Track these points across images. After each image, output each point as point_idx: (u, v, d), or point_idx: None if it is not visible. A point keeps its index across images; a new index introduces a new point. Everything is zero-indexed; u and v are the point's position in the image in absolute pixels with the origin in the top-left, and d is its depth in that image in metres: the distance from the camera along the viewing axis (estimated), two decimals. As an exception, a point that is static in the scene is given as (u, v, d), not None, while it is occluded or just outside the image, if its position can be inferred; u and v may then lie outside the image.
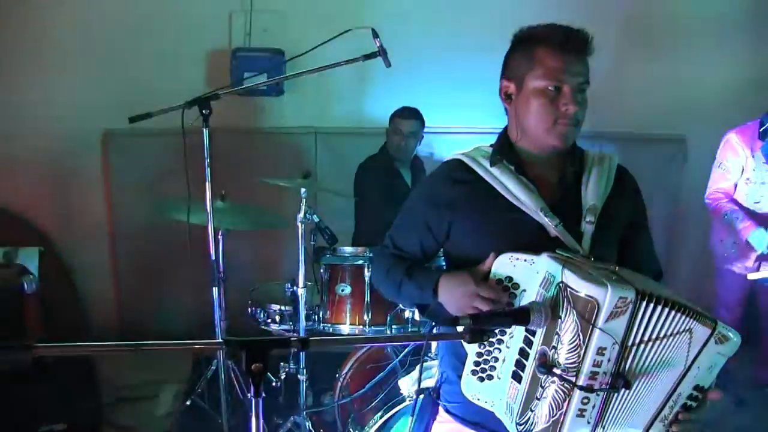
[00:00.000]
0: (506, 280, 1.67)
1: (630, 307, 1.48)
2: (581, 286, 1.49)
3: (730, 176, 3.92)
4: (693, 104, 4.91)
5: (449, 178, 1.84)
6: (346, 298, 3.02)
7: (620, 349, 1.51)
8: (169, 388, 4.04)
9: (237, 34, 4.62)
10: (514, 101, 1.78)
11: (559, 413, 1.55)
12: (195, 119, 2.80)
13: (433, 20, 4.68)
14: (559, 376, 1.52)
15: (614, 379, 1.52)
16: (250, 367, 1.32)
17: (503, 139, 1.85)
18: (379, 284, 2.01)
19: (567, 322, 1.51)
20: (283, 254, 4.78)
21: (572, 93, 1.69)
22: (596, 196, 1.78)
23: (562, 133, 1.71)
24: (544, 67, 1.70)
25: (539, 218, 1.73)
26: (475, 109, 4.92)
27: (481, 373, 1.71)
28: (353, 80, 4.57)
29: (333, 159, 4.74)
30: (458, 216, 1.81)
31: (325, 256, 3.06)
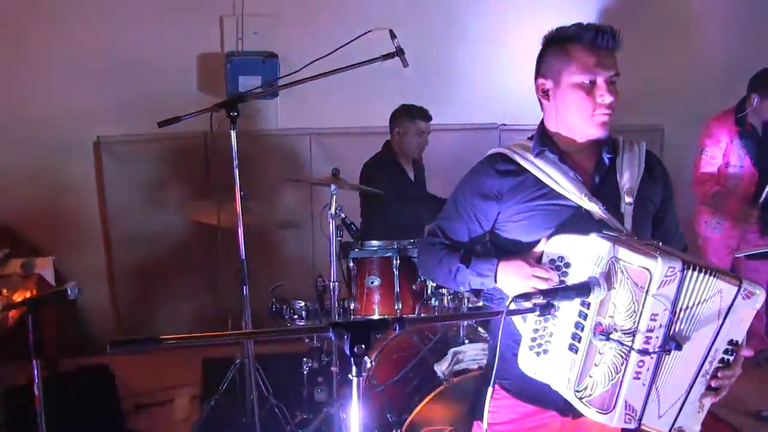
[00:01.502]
0: (559, 260, 1.82)
1: (678, 275, 1.63)
2: (634, 259, 1.65)
3: (714, 161, 4.15)
4: (669, 94, 5.16)
5: (495, 170, 1.97)
6: (375, 289, 3.15)
7: (670, 315, 1.66)
8: (184, 392, 4.09)
9: (229, 38, 4.69)
10: (552, 96, 1.93)
11: (618, 376, 1.69)
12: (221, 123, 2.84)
13: (423, 22, 4.81)
14: (617, 341, 1.67)
15: (666, 341, 1.68)
16: (354, 348, 1.43)
17: (542, 132, 1.99)
18: (430, 271, 2.13)
19: (622, 292, 1.66)
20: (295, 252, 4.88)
21: (606, 85, 1.85)
22: (631, 179, 1.94)
23: (602, 121, 1.87)
24: (579, 62, 1.85)
25: (584, 204, 1.88)
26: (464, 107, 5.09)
27: (538, 348, 1.85)
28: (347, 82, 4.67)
29: (328, 160, 4.83)
30: (506, 205, 1.95)
31: (353, 250, 3.18)
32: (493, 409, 2.02)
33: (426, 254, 2.11)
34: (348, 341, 1.43)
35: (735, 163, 4.15)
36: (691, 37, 5.27)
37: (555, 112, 1.94)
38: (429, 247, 2.09)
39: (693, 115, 4.48)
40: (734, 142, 4.14)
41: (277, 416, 3.43)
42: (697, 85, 5.17)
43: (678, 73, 5.18)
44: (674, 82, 5.14)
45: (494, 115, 5.17)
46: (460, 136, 5.01)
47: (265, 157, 4.84)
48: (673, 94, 5.13)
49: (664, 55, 5.09)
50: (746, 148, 4.11)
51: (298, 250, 4.92)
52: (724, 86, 4.44)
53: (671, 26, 5.19)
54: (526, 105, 5.07)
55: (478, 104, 5.14)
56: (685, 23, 5.26)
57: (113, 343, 1.30)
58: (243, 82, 4.49)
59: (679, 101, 5.11)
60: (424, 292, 3.15)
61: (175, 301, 4.85)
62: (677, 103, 5.11)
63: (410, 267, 3.21)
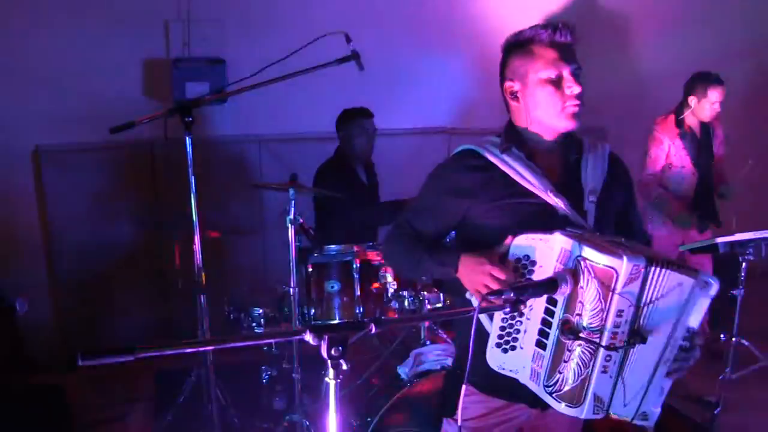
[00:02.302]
0: (524, 258, 1.85)
1: (642, 272, 1.68)
2: (600, 258, 1.68)
3: (657, 163, 4.30)
4: (610, 96, 5.29)
5: (465, 165, 2.00)
6: (336, 294, 3.14)
7: (635, 310, 1.70)
8: (138, 406, 4.00)
9: (174, 44, 4.62)
10: (521, 97, 1.97)
11: (586, 372, 1.73)
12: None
13: (372, 27, 4.82)
14: (584, 339, 1.70)
15: (631, 336, 1.72)
16: (331, 350, 1.42)
17: (510, 130, 2.03)
18: (396, 261, 2.20)
19: (589, 291, 1.69)
20: (248, 260, 4.81)
21: (571, 77, 1.90)
22: (595, 178, 2.00)
23: (573, 113, 1.92)
24: (543, 59, 1.90)
25: (549, 199, 1.92)
26: (414, 112, 5.13)
27: (505, 344, 1.87)
28: (296, 87, 4.65)
29: (279, 167, 4.78)
30: (475, 201, 1.98)
31: (312, 255, 3.16)
32: (463, 405, 2.03)
33: (392, 244, 2.15)
34: (326, 344, 1.42)
35: (677, 164, 4.31)
36: (631, 40, 5.43)
37: (525, 111, 1.98)
38: (396, 237, 2.13)
39: (634, 116, 4.62)
40: (675, 144, 4.30)
41: (236, 427, 3.38)
42: (638, 87, 5.33)
43: (618, 75, 5.33)
44: (615, 84, 5.28)
45: (443, 119, 5.21)
46: (410, 140, 5.04)
47: (213, 165, 4.77)
48: (613, 96, 5.26)
49: (605, 58, 5.22)
50: (687, 149, 4.28)
51: (251, 258, 4.86)
52: (664, 88, 4.59)
53: (611, 30, 5.34)
54: (475, 109, 5.22)
55: (427, 108, 5.18)
56: (624, 27, 5.42)
57: (86, 355, 1.26)
58: (190, 89, 4.43)
59: (619, 103, 5.25)
60: (385, 295, 3.16)
61: (125, 314, 4.72)
62: (618, 105, 5.24)
63: (370, 270, 3.22)
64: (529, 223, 1.88)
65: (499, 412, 2.06)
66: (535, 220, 1.89)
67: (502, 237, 1.89)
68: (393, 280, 3.14)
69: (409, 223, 2.10)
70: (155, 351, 1.28)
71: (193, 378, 3.48)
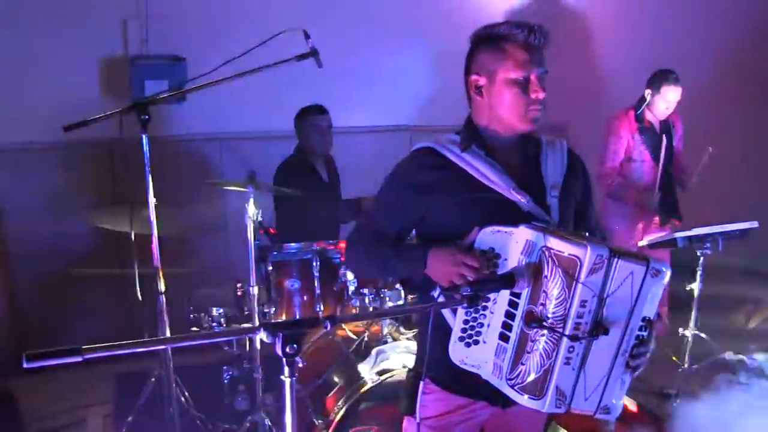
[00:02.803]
0: (489, 251, 1.85)
1: (605, 262, 1.69)
2: (564, 247, 1.69)
3: (616, 156, 4.36)
4: (571, 94, 5.35)
5: (424, 163, 1.99)
6: (296, 292, 3.12)
7: (598, 301, 1.71)
8: (97, 411, 3.91)
9: (133, 41, 4.54)
10: (486, 93, 1.96)
11: (549, 362, 1.73)
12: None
13: (332, 23, 4.80)
14: (549, 328, 1.71)
15: (594, 328, 1.73)
16: (285, 348, 1.40)
17: (470, 128, 2.02)
18: (359, 264, 2.18)
19: (553, 280, 1.70)
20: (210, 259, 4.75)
21: (538, 81, 1.90)
22: (555, 174, 2.01)
23: (534, 117, 1.93)
24: (514, 60, 1.89)
25: (512, 196, 1.92)
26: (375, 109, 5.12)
27: (468, 338, 1.87)
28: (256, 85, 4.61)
29: (239, 165, 4.73)
30: (435, 199, 1.96)
31: (272, 253, 3.13)
32: (424, 403, 2.02)
33: (355, 247, 2.12)
34: (280, 341, 1.40)
35: (637, 158, 4.37)
36: (591, 38, 5.49)
37: (488, 108, 1.97)
38: (358, 240, 2.10)
39: (592, 113, 4.68)
40: (635, 138, 4.36)
41: (199, 429, 3.34)
42: (598, 84, 5.39)
43: (579, 73, 5.39)
44: (575, 81, 5.34)
45: (405, 116, 5.21)
46: (372, 137, 5.03)
47: (174, 164, 4.69)
48: (574, 94, 5.32)
49: (566, 56, 5.27)
50: (646, 143, 4.35)
51: (213, 257, 4.80)
52: (623, 86, 4.66)
53: (572, 28, 5.39)
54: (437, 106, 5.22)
55: (389, 106, 5.18)
56: (584, 25, 5.48)
57: (31, 356, 1.22)
58: (149, 87, 4.36)
59: (578, 100, 5.31)
60: (345, 293, 3.15)
61: (85, 315, 4.62)
62: (579, 102, 5.30)
63: (330, 268, 3.20)
64: (493, 220, 1.87)
65: (461, 410, 2.05)
66: (499, 217, 1.88)
67: (465, 234, 1.89)
68: (353, 278, 3.13)
69: (370, 224, 2.08)
70: (103, 351, 1.24)
71: (153, 380, 3.41)
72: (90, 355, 1.25)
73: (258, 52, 2.86)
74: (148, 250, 3.04)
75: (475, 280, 1.72)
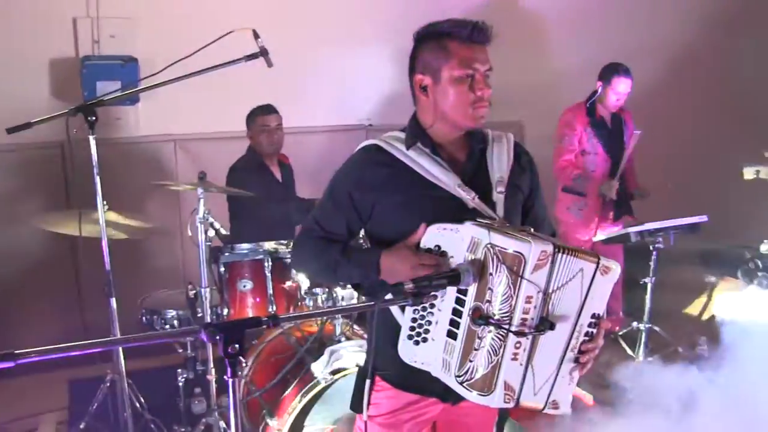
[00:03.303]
0: (435, 248, 1.85)
1: (549, 259, 1.71)
2: (509, 244, 1.70)
3: (572, 148, 4.42)
4: (525, 91, 5.41)
5: (370, 161, 1.99)
6: (248, 293, 3.11)
7: (544, 296, 1.73)
8: (48, 419, 3.83)
9: (84, 42, 4.46)
10: (431, 92, 1.96)
11: (496, 359, 1.74)
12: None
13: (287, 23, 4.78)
14: (495, 324, 1.72)
15: (541, 323, 1.74)
16: (227, 349, 1.40)
17: (415, 125, 2.02)
18: (307, 266, 2.15)
19: (498, 277, 1.71)
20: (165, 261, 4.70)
21: (483, 78, 1.91)
22: (501, 169, 2.01)
23: (480, 115, 1.93)
24: (458, 58, 1.89)
25: (457, 193, 1.92)
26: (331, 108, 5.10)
27: (417, 336, 1.87)
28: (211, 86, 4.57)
29: (194, 166, 4.69)
30: (382, 196, 1.96)
31: (223, 254, 3.11)
32: (375, 401, 2.03)
33: (302, 248, 2.10)
34: (221, 342, 1.39)
35: (590, 151, 4.45)
36: (545, 37, 5.55)
37: (433, 106, 1.97)
38: (305, 240, 2.08)
39: (548, 110, 4.73)
40: (587, 131, 4.43)
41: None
42: (551, 82, 5.45)
43: (532, 71, 5.44)
44: (529, 80, 5.40)
45: (361, 115, 5.21)
46: (327, 137, 5.02)
47: (129, 166, 4.64)
48: (529, 91, 5.38)
49: (518, 55, 5.32)
50: (598, 136, 4.42)
51: (168, 259, 4.76)
52: (576, 83, 4.72)
53: (527, 27, 5.45)
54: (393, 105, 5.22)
55: (344, 105, 5.17)
56: (538, 24, 5.54)
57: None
58: (101, 88, 4.27)
59: (534, 98, 5.37)
60: (298, 293, 3.14)
61: (33, 321, 4.53)
62: (533, 100, 5.36)
63: (282, 268, 3.20)
64: (439, 217, 1.88)
65: (412, 407, 2.05)
66: (445, 214, 1.88)
67: (412, 232, 1.89)
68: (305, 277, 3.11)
69: (318, 223, 2.05)
70: (38, 356, 1.21)
71: (107, 384, 3.36)
72: (24, 360, 1.22)
73: (213, 53, 2.82)
74: (100, 254, 2.98)
75: (421, 278, 1.72)
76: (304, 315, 2.31)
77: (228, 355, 1.40)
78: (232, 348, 1.40)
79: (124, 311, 3.33)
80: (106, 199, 2.87)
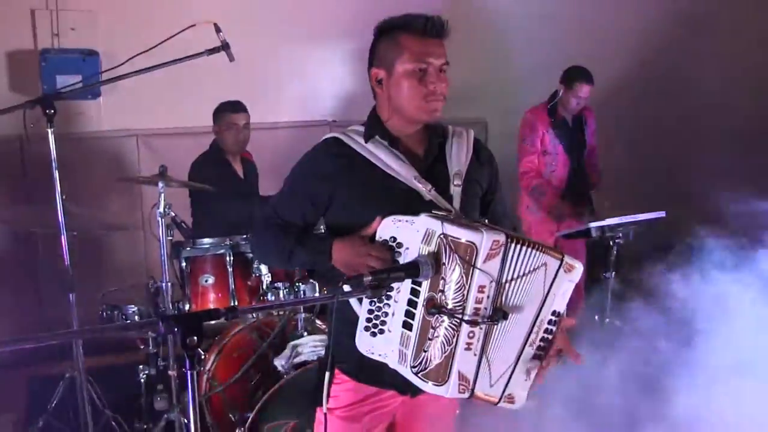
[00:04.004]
0: (391, 240, 1.87)
1: (502, 248, 1.73)
2: (461, 234, 1.73)
3: (533, 149, 4.46)
4: (490, 90, 5.47)
5: (328, 153, 2.01)
6: (210, 288, 3.11)
7: (497, 286, 1.75)
8: (5, 418, 3.76)
9: (43, 34, 4.40)
10: (386, 86, 1.98)
11: (450, 348, 1.76)
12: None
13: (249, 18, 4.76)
14: (448, 313, 1.74)
15: (494, 313, 1.77)
16: (186, 341, 1.40)
17: (374, 119, 2.04)
18: (264, 253, 2.18)
19: (451, 267, 1.73)
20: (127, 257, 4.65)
21: (437, 72, 1.93)
22: (459, 163, 2.03)
23: (432, 108, 1.95)
24: (410, 51, 1.91)
25: (414, 185, 1.94)
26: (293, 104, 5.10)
27: (373, 328, 1.89)
28: (174, 81, 4.54)
29: (157, 162, 4.64)
30: (339, 187, 1.98)
31: (185, 249, 3.10)
32: (335, 393, 2.04)
33: (260, 236, 2.12)
34: (179, 334, 1.40)
35: (551, 151, 4.49)
36: (508, 36, 5.60)
37: (388, 100, 1.99)
38: (263, 228, 2.10)
39: (512, 108, 4.77)
40: (549, 132, 4.48)
41: (114, 429, 3.27)
42: (515, 81, 5.51)
43: (496, 70, 5.50)
44: (494, 78, 5.45)
45: (324, 111, 5.22)
46: (291, 133, 5.01)
47: (90, 161, 4.59)
48: (493, 90, 5.43)
49: (482, 53, 5.38)
50: (559, 137, 4.47)
51: (130, 255, 4.72)
52: (539, 82, 4.76)
53: (489, 25, 5.48)
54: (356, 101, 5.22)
55: (307, 101, 5.17)
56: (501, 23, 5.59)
57: None
58: (61, 82, 4.23)
59: (498, 96, 5.43)
60: (260, 287, 3.14)
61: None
62: (497, 98, 5.42)
63: (244, 263, 3.21)
64: (395, 209, 1.90)
65: (371, 400, 2.06)
66: (401, 206, 1.90)
67: (369, 222, 1.91)
68: (268, 272, 3.13)
69: (276, 212, 2.07)
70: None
71: (65, 382, 3.32)
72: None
73: (176, 48, 2.80)
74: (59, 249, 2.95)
75: (380, 270, 1.74)
76: (264, 307, 2.32)
77: (186, 347, 1.41)
78: (191, 340, 1.40)
79: (84, 307, 3.30)
80: (65, 193, 2.85)
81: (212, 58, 2.83)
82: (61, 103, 4.30)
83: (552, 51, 5.40)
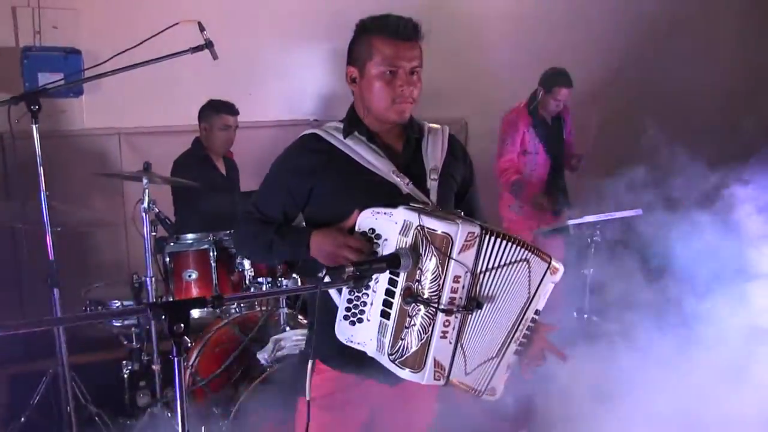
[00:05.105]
0: (369, 231, 1.92)
1: (476, 240, 1.79)
2: (437, 226, 1.78)
3: (513, 149, 4.53)
4: (469, 90, 5.53)
5: (308, 148, 2.06)
6: (193, 283, 3.14)
7: (472, 277, 1.81)
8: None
9: (25, 32, 4.41)
10: (359, 85, 2.04)
11: (426, 336, 1.82)
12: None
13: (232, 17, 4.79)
14: (424, 302, 1.80)
15: (468, 302, 1.83)
16: (173, 328, 1.45)
17: (352, 115, 2.10)
18: (246, 246, 2.23)
19: (427, 258, 1.79)
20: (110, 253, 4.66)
21: (407, 75, 1.98)
22: (435, 158, 2.10)
23: (400, 110, 2.01)
24: (380, 53, 1.97)
25: (392, 179, 2.01)
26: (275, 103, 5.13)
27: (353, 317, 1.94)
28: (157, 79, 4.55)
29: (139, 159, 4.66)
30: (317, 181, 2.03)
31: (169, 245, 3.13)
32: (316, 383, 2.07)
33: (242, 230, 2.17)
34: (167, 321, 1.44)
35: (531, 150, 4.56)
36: (487, 36, 5.66)
37: (360, 98, 2.06)
38: (245, 222, 2.15)
39: (492, 108, 4.84)
40: (530, 132, 4.55)
41: (97, 425, 3.29)
42: (494, 81, 5.57)
43: (475, 70, 5.56)
44: (473, 78, 5.51)
45: (308, 110, 5.25)
46: (272, 132, 5.03)
47: (73, 159, 4.60)
48: (472, 90, 5.49)
49: (461, 54, 5.44)
50: (539, 137, 4.54)
51: (113, 251, 4.73)
52: (517, 82, 4.83)
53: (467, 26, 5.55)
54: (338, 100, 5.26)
55: (289, 100, 5.21)
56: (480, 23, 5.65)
57: None
58: (43, 79, 4.22)
59: (478, 96, 5.49)
60: (243, 282, 3.18)
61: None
62: (476, 98, 5.48)
63: (227, 258, 3.24)
64: (373, 202, 1.94)
65: (352, 389, 2.11)
66: (379, 199, 1.95)
67: (348, 216, 1.96)
68: (250, 267, 3.16)
69: (257, 207, 2.13)
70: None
71: (48, 378, 3.33)
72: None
73: (159, 46, 2.83)
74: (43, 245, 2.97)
75: (361, 261, 1.79)
76: (248, 296, 2.36)
77: (173, 334, 1.45)
78: (177, 327, 1.45)
79: (68, 303, 3.32)
80: (49, 190, 2.86)
81: (195, 57, 2.86)
82: (43, 101, 4.35)
83: (531, 51, 5.47)
